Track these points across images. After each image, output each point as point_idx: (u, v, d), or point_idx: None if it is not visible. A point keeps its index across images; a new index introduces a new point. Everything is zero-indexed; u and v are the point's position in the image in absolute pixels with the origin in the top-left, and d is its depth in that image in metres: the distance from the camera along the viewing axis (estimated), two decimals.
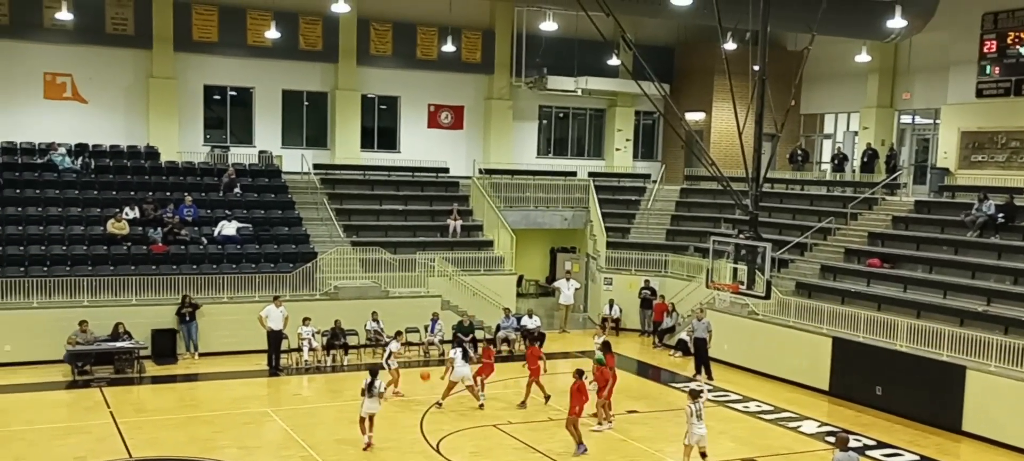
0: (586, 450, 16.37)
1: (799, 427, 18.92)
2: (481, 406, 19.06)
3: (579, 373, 16.72)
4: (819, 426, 19.09)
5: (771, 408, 20.15)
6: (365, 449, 16.12)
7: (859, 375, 20.85)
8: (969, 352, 19.07)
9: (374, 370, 16.52)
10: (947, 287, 22.41)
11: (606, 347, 18.99)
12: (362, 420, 16.26)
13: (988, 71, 27.07)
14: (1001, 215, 23.68)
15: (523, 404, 19.37)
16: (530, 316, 25.84)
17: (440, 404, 19.03)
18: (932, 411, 19.28)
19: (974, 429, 18.57)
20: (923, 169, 30.78)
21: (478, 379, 19.36)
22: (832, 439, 16.88)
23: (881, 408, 20.18)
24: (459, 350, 19.20)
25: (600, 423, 18.05)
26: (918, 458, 17.16)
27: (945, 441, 18.43)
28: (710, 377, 22.53)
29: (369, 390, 16.11)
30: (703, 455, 15.28)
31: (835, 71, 32.62)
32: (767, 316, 23.50)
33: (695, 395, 15.35)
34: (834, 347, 21.52)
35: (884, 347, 20.56)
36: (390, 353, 19.89)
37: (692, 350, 24.23)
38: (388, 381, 19.38)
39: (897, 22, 25.60)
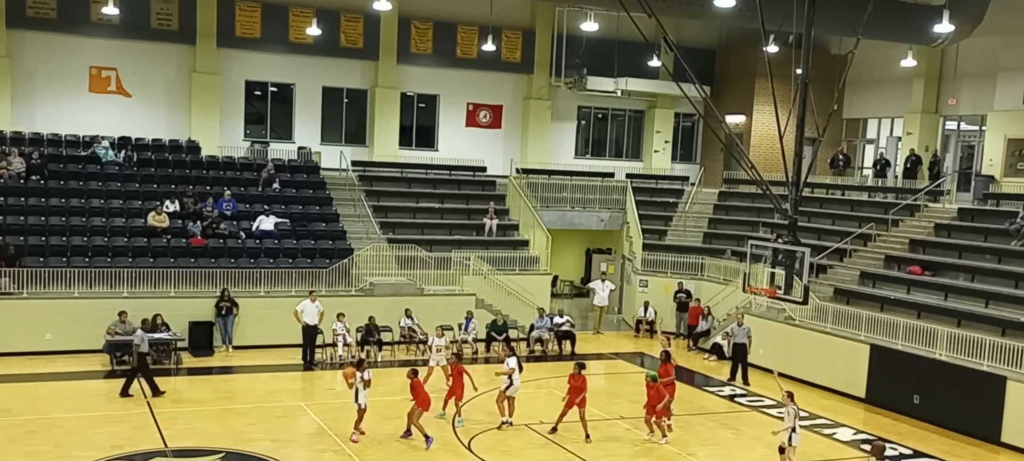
0: (433, 441, 16.19)
1: (834, 434, 18.67)
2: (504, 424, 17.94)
3: (414, 372, 16.41)
4: (854, 434, 18.83)
5: (806, 415, 19.80)
6: (354, 441, 16.33)
7: (897, 383, 20.54)
8: (1010, 362, 18.70)
9: (360, 362, 16.57)
10: (989, 296, 21.98)
11: (666, 357, 18.36)
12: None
13: None
14: None
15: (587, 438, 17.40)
16: (561, 315, 25.79)
17: (511, 423, 17.83)
18: (971, 421, 18.93)
19: (1014, 441, 18.20)
20: (967, 176, 30.23)
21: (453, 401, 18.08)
22: (868, 447, 16.65)
23: (918, 417, 19.86)
24: (515, 359, 18.01)
25: (652, 433, 17.52)
26: None
27: (984, 452, 18.08)
28: (747, 383, 22.33)
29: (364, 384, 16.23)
30: (782, 450, 15.50)
31: (879, 75, 32.14)
32: (804, 322, 23.23)
33: (792, 397, 15.53)
34: (872, 354, 21.22)
35: (923, 355, 20.23)
36: (430, 347, 19.98)
37: (727, 354, 24.07)
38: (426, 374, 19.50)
39: (944, 27, 25.15)
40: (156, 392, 18.77)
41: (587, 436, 17.17)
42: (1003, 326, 20.47)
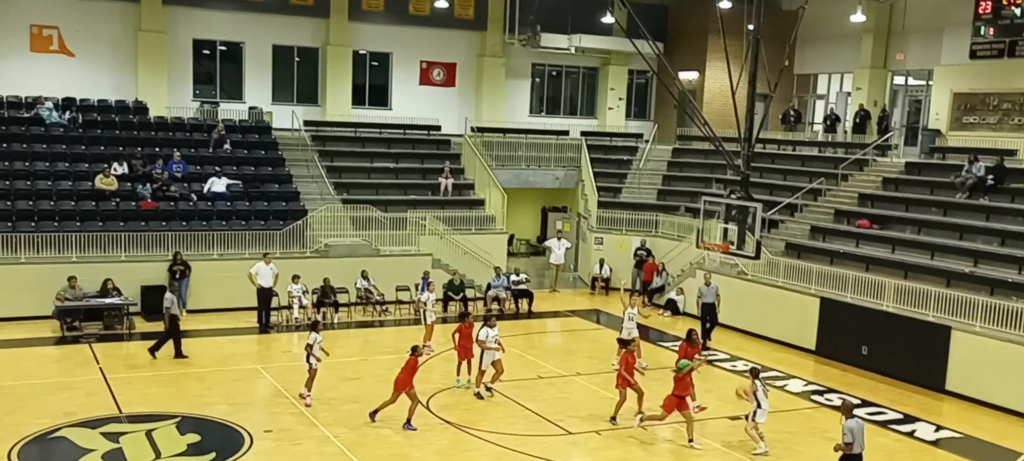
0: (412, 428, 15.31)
1: (785, 386, 19.08)
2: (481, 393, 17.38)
3: (414, 349, 15.43)
4: (805, 385, 19.27)
5: (759, 367, 20.22)
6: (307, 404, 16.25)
7: (845, 335, 21.02)
8: (955, 313, 19.22)
9: (314, 323, 16.55)
10: (935, 248, 22.52)
11: (690, 337, 16.97)
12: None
13: (982, 32, 26.93)
14: (991, 177, 23.73)
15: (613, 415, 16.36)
16: (517, 274, 25.93)
17: (490, 390, 17.42)
18: (917, 371, 19.47)
19: (957, 389, 18.79)
20: (915, 131, 30.77)
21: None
22: (837, 404, 17.06)
23: (866, 368, 20.38)
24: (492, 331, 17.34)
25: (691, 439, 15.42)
26: (901, 416, 17.34)
27: (929, 400, 18.63)
28: (708, 339, 22.16)
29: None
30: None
31: (829, 31, 32.45)
32: (756, 276, 23.60)
33: (757, 373, 15.18)
34: (822, 307, 21.66)
35: (871, 307, 20.70)
36: (425, 304, 20.25)
37: (681, 309, 24.33)
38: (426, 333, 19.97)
39: None
40: (178, 354, 19.05)
41: (614, 417, 16.12)
42: (948, 277, 21.01)
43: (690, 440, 15.17)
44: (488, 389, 17.42)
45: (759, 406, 14.87)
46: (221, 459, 13.75)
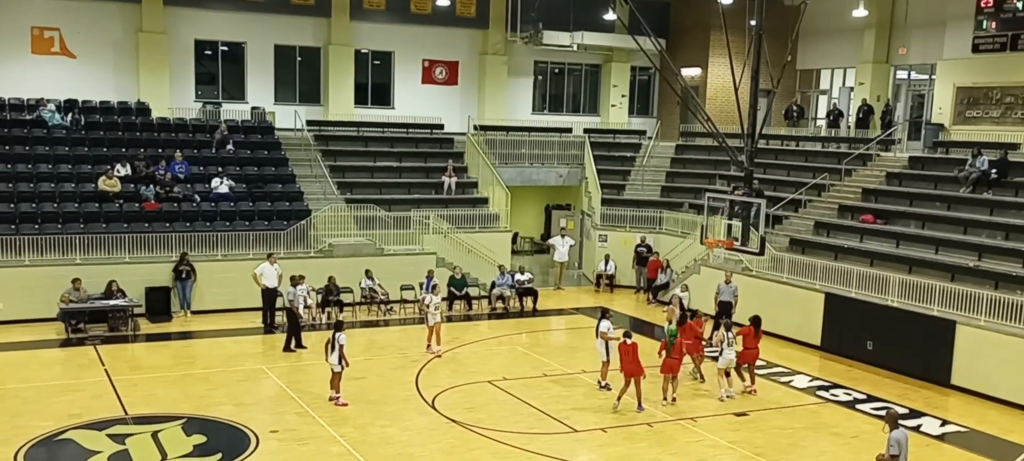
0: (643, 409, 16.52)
1: (791, 382, 19.07)
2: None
3: (627, 334, 16.61)
4: (810, 381, 19.24)
5: (763, 363, 20.20)
6: (333, 402, 16.39)
7: (851, 330, 20.99)
8: (960, 307, 19.19)
9: (338, 325, 16.66)
10: (939, 243, 22.47)
11: (682, 320, 18.35)
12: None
13: (985, 26, 26.83)
14: (994, 171, 23.68)
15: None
16: (522, 272, 25.91)
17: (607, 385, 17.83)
18: (922, 365, 19.44)
19: (963, 383, 18.75)
20: (918, 125, 30.69)
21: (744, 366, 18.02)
22: (843, 400, 17.16)
23: (872, 363, 20.34)
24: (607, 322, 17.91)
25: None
26: (907, 411, 17.28)
27: (934, 394, 18.59)
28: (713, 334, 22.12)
29: (331, 346, 16.24)
30: (727, 373, 17.54)
31: (832, 26, 32.38)
32: (760, 272, 23.57)
33: (729, 327, 17.77)
34: (826, 302, 21.63)
35: (876, 302, 20.67)
36: (428, 306, 20.25)
37: (683, 306, 24.22)
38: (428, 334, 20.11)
39: None
40: (299, 344, 20.20)
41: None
42: (952, 271, 20.97)
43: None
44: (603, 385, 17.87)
45: (721, 352, 17.45)
46: (227, 460, 13.75)
